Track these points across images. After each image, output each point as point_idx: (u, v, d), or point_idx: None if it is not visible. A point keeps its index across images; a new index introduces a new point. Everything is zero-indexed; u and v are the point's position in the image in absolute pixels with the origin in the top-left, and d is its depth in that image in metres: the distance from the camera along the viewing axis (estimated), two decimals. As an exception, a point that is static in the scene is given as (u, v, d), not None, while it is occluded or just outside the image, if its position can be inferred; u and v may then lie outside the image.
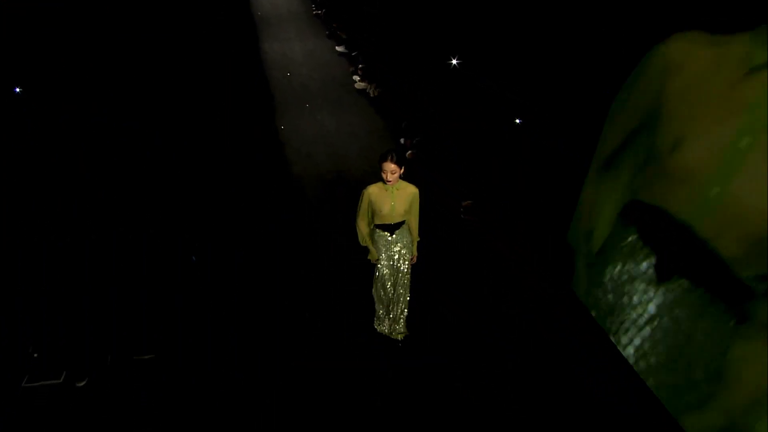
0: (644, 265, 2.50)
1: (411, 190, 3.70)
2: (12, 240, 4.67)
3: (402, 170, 3.56)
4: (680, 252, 2.19)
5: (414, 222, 3.86)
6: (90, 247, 4.55)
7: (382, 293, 4.02)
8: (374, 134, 7.43)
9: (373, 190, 3.65)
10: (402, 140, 7.13)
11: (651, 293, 2.57)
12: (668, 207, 2.11)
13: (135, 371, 3.86)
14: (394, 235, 3.85)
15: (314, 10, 11.73)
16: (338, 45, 10.05)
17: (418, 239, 3.95)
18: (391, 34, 8.53)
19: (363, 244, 3.90)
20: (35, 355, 3.81)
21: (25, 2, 6.69)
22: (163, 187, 5.76)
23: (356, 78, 8.95)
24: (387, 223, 3.78)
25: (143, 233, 4.81)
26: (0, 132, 5.69)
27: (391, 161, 3.50)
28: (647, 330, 2.76)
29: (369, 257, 3.94)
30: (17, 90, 6.14)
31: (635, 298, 2.78)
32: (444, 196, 6.02)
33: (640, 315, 2.74)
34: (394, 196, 3.65)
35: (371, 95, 8.41)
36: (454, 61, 7.07)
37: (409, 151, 6.85)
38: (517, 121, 5.94)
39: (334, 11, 10.82)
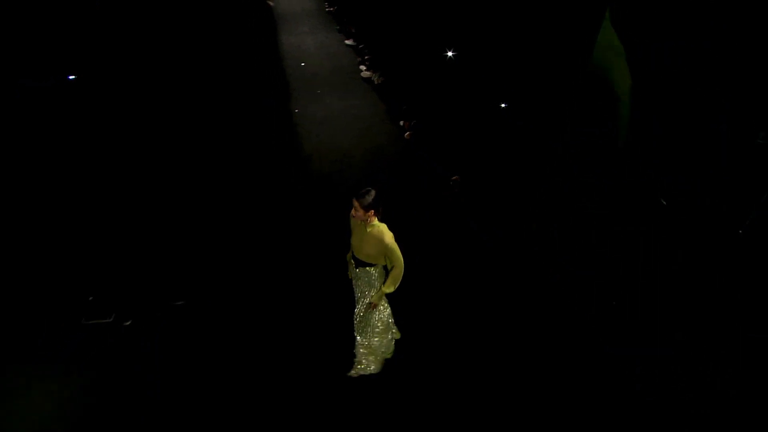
0: None
1: (382, 239, 3.14)
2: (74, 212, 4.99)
3: (368, 215, 3.08)
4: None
5: (392, 274, 3.29)
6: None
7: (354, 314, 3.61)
8: (376, 117, 7.55)
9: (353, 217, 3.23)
10: (401, 122, 7.29)
11: None
12: None
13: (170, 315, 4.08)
14: (357, 270, 3.38)
15: (327, 8, 11.71)
16: (347, 38, 10.10)
17: (387, 291, 3.35)
18: (396, 28, 8.57)
19: (347, 258, 3.54)
20: (91, 299, 4.14)
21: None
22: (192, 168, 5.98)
23: (363, 68, 9.03)
24: (353, 254, 3.35)
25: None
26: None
27: (356, 199, 3.06)
28: None
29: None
30: (71, 77, 6.11)
31: None
32: (436, 173, 6.15)
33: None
34: (363, 232, 3.20)
35: (375, 83, 8.49)
36: (450, 53, 7.23)
37: (408, 132, 7.02)
38: (503, 105, 6.09)
39: (346, 8, 10.82)
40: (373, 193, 3.06)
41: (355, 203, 3.06)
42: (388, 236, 3.15)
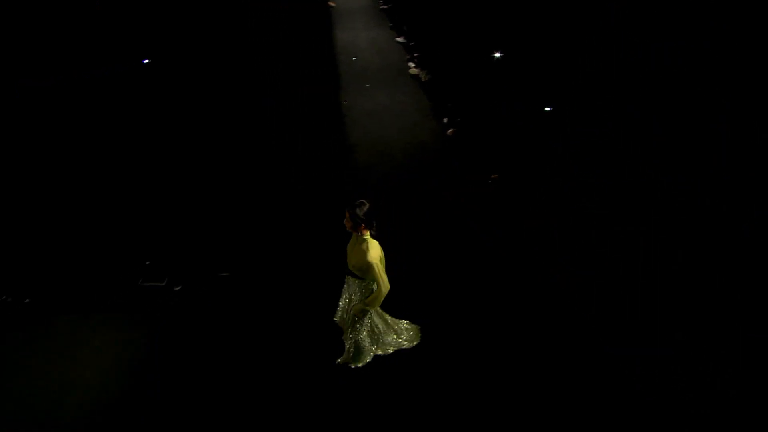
0: None
1: (365, 257, 2.94)
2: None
3: (358, 228, 2.93)
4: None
5: (373, 293, 3.14)
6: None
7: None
8: (421, 113, 7.66)
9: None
10: (445, 120, 7.39)
11: None
12: None
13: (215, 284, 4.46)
14: (347, 278, 3.29)
15: (381, 5, 11.91)
16: (398, 36, 10.26)
17: (366, 308, 3.23)
18: (446, 28, 8.64)
19: None
20: (147, 263, 4.67)
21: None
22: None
23: (411, 65, 9.14)
24: (346, 261, 3.20)
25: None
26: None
27: (348, 211, 2.89)
28: None
29: None
30: (145, 61, 6.33)
31: None
32: (475, 170, 6.20)
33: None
34: (353, 243, 3.09)
35: (422, 80, 8.58)
36: (497, 55, 7.27)
37: (451, 129, 7.13)
38: (547, 108, 6.03)
39: (399, 6, 10.96)
40: (365, 207, 2.87)
41: (347, 214, 2.89)
42: (373, 255, 2.93)
